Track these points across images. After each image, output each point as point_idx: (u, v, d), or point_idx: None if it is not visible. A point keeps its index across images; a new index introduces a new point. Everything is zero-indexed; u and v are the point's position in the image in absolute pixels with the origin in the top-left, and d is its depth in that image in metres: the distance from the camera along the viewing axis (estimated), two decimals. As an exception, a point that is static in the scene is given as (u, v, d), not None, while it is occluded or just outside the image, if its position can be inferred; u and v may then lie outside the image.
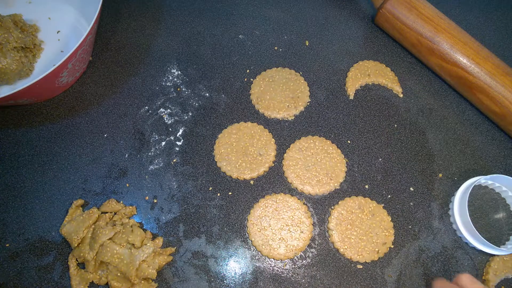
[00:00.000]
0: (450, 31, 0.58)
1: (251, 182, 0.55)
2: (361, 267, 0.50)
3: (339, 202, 0.54)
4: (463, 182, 0.55)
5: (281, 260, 0.51)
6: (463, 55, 0.56)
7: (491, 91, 0.55)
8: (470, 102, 0.60)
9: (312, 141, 0.57)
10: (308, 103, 0.60)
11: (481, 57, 0.56)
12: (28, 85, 0.49)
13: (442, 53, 0.57)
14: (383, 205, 0.54)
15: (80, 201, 0.53)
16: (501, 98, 0.55)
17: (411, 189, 0.55)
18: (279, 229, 0.52)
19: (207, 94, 0.61)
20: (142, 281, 0.48)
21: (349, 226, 0.52)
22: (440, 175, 0.56)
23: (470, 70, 0.56)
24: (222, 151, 0.56)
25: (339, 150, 0.56)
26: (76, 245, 0.49)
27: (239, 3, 0.68)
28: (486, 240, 0.50)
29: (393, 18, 0.60)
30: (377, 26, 0.66)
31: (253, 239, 0.51)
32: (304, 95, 0.60)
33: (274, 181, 0.55)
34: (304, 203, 0.54)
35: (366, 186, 0.55)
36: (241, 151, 0.56)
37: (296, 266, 0.51)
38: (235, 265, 0.51)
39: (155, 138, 0.58)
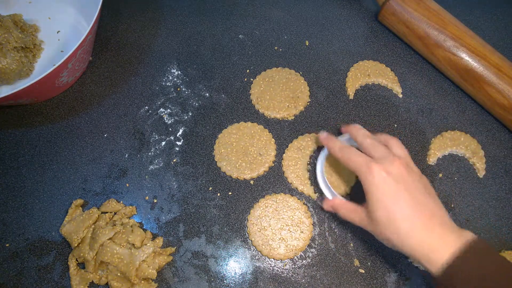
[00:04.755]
0: (456, 25, 0.58)
1: (251, 182, 0.55)
2: (363, 271, 0.50)
3: None
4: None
5: (281, 260, 0.51)
6: (472, 47, 0.56)
7: (500, 84, 0.55)
8: (474, 100, 0.60)
9: (309, 139, 0.57)
10: (308, 103, 0.60)
11: (488, 50, 0.57)
12: (28, 85, 0.49)
13: (450, 45, 0.57)
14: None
15: (80, 201, 0.53)
16: (510, 90, 0.55)
17: (411, 189, 0.55)
18: (279, 229, 0.52)
19: (207, 94, 0.61)
20: (142, 281, 0.48)
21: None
22: (440, 175, 0.56)
23: (478, 62, 0.56)
24: (222, 151, 0.56)
25: (339, 150, 0.56)
26: (76, 245, 0.49)
27: (239, 3, 0.68)
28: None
29: (400, 11, 0.60)
30: (379, 23, 0.65)
31: (253, 239, 0.51)
32: (304, 95, 0.60)
33: (274, 181, 0.55)
34: (304, 203, 0.54)
35: (366, 186, 0.55)
36: (241, 151, 0.56)
37: (296, 266, 0.51)
38: (235, 265, 0.51)
39: (155, 138, 0.58)
